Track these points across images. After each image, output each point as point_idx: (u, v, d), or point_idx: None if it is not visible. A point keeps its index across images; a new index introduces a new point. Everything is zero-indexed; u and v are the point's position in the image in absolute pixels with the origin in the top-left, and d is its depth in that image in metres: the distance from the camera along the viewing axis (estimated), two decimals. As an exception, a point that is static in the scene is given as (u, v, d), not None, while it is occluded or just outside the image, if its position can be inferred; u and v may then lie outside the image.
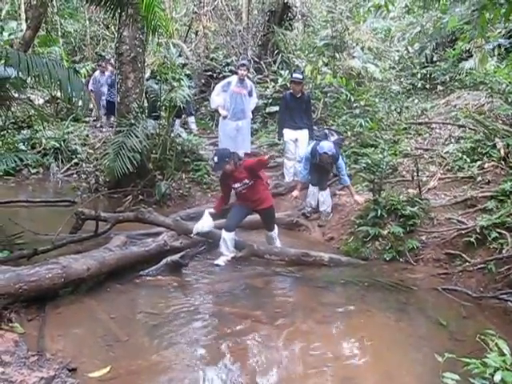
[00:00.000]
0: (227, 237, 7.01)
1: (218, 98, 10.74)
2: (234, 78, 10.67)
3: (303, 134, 9.89)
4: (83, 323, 5.10)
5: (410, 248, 7.15)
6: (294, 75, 9.82)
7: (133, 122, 9.97)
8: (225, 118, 10.70)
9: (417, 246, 7.16)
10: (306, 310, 5.66)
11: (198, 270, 6.77)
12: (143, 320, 5.21)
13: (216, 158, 6.80)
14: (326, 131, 8.81)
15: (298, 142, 9.93)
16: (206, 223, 7.10)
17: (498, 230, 6.64)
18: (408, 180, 8.69)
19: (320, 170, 8.56)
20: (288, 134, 9.94)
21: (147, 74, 12.39)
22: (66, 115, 15.02)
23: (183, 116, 13.76)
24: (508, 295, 5.93)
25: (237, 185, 7.00)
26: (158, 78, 10.67)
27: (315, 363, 4.59)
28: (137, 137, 9.71)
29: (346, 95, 11.49)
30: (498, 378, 2.92)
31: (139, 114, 10.19)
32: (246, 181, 6.94)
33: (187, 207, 9.50)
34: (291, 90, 9.93)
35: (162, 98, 10.51)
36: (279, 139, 10.68)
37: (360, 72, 13.12)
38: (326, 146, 8.05)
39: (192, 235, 7.23)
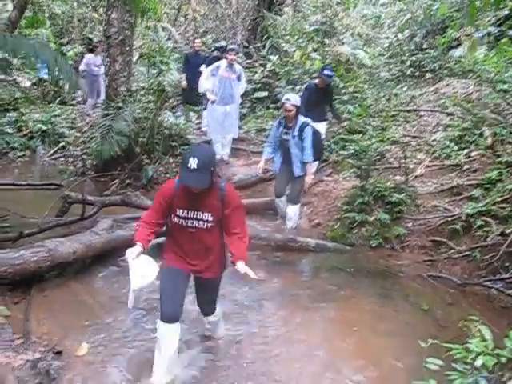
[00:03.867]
0: None
1: (206, 83, 10.66)
2: (222, 63, 10.59)
3: (323, 126, 9.31)
4: (69, 306, 5.11)
5: (396, 235, 7.19)
6: (326, 72, 9.13)
7: (121, 105, 9.89)
8: (213, 102, 10.64)
9: (403, 232, 7.20)
10: (291, 295, 5.70)
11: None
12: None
13: (195, 162, 3.61)
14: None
15: None
16: (147, 271, 3.87)
17: (484, 218, 6.69)
18: (395, 167, 8.71)
19: (288, 160, 7.60)
20: None
21: (135, 58, 12.30)
22: (53, 98, 14.87)
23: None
24: (492, 282, 6.00)
25: (189, 213, 3.89)
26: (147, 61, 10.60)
27: (299, 348, 4.64)
28: (125, 120, 9.65)
29: (335, 81, 11.45)
30: (479, 362, 2.96)
31: (127, 98, 10.11)
32: (210, 217, 3.90)
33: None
34: (316, 82, 9.30)
35: (150, 82, 10.44)
36: None
37: (349, 58, 13.09)
38: (292, 95, 7.69)
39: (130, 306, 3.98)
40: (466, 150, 8.59)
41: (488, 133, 8.43)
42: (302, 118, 7.45)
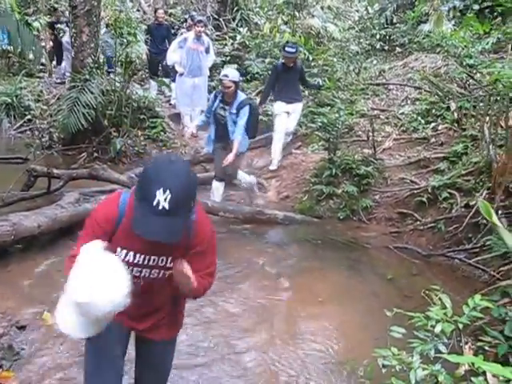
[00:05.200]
0: None
1: (174, 55, 10.54)
2: (190, 35, 10.45)
3: (296, 107, 8.97)
4: (34, 281, 5.05)
5: (364, 207, 7.26)
6: (287, 49, 8.71)
7: (87, 77, 9.72)
8: (181, 75, 10.53)
9: (370, 205, 7.28)
10: (260, 267, 5.73)
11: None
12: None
13: (167, 199, 2.15)
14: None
15: (290, 115, 8.96)
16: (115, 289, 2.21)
17: (449, 191, 6.78)
18: (363, 140, 8.75)
19: (224, 137, 7.19)
20: (280, 106, 8.89)
21: (103, 29, 12.04)
22: (18, 70, 14.53)
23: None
24: (455, 253, 6.10)
25: (139, 259, 2.53)
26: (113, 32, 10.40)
27: (267, 318, 4.68)
28: (91, 93, 9.49)
29: (305, 54, 11.42)
30: (438, 329, 3.01)
31: (94, 70, 9.94)
32: (170, 262, 2.54)
33: (142, 164, 9.37)
34: (283, 60, 8.90)
35: (118, 54, 10.27)
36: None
37: (319, 31, 13.06)
38: (230, 70, 7.51)
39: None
40: (433, 124, 8.68)
41: (454, 107, 8.51)
42: (242, 95, 7.17)
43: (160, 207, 2.09)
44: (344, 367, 3.98)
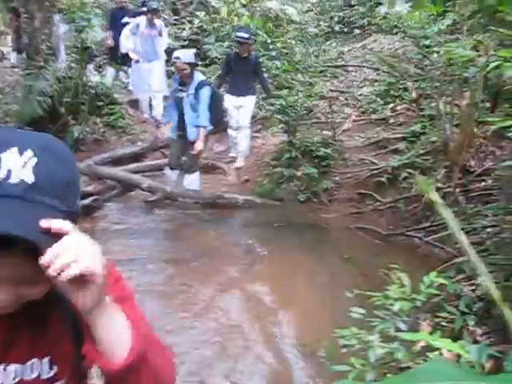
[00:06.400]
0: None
1: (127, 43, 10.38)
2: (142, 20, 10.27)
3: (246, 101, 8.38)
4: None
5: (324, 189, 7.28)
6: (238, 34, 8.32)
7: (42, 64, 9.49)
8: (137, 61, 10.37)
9: (330, 186, 7.31)
10: (221, 251, 5.71)
11: (112, 214, 6.66)
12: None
13: (30, 160, 1.00)
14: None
15: (241, 109, 8.46)
16: None
17: (408, 170, 6.84)
18: (323, 122, 8.77)
19: (182, 123, 6.98)
20: (230, 100, 8.38)
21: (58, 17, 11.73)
22: (-30, 57, 14.15)
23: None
24: (415, 232, 6.17)
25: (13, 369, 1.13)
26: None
27: (230, 302, 4.67)
28: (47, 80, 9.28)
29: (263, 37, 11.36)
30: (396, 307, 3.04)
31: (49, 56, 9.71)
32: (48, 371, 1.16)
33: (102, 152, 9.24)
34: (237, 50, 8.43)
35: (72, 40, 10.05)
36: None
37: (278, 14, 12.97)
38: (182, 52, 7.18)
39: None
40: (391, 105, 8.75)
41: (412, 87, 8.58)
42: (199, 76, 6.97)
43: (11, 180, 0.99)
44: (305, 349, 3.99)
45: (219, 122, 7.36)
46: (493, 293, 1.22)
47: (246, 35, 8.12)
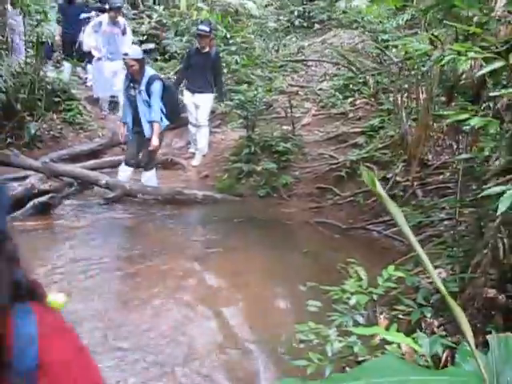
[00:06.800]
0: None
1: (89, 40, 10.16)
2: (104, 18, 10.07)
3: (203, 98, 8.22)
4: None
5: (284, 183, 7.26)
6: (199, 27, 8.20)
7: (-5, 59, 9.26)
8: (99, 59, 10.18)
9: (290, 181, 7.30)
10: (180, 248, 5.65)
11: (69, 211, 6.52)
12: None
13: None
14: None
15: (198, 108, 8.32)
16: None
17: (367, 164, 6.87)
18: (282, 117, 8.75)
19: (137, 120, 6.89)
20: (187, 96, 8.38)
21: (10, 8, 11.44)
22: None
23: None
24: (374, 225, 6.22)
25: None
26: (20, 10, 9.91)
27: (187, 298, 4.61)
28: (1, 76, 9.05)
29: (223, 32, 11.27)
30: (353, 301, 3.05)
31: (2, 51, 9.47)
32: None
33: (59, 149, 9.08)
34: (197, 45, 8.32)
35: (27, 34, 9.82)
36: None
37: (237, 9, 12.90)
38: (131, 48, 7.08)
39: None
40: (350, 99, 8.79)
41: (371, 82, 8.64)
42: (150, 71, 6.88)
43: None
44: (265, 345, 3.96)
45: (176, 116, 7.27)
46: (438, 286, 1.20)
47: (206, 28, 8.04)
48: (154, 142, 6.72)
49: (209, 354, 3.83)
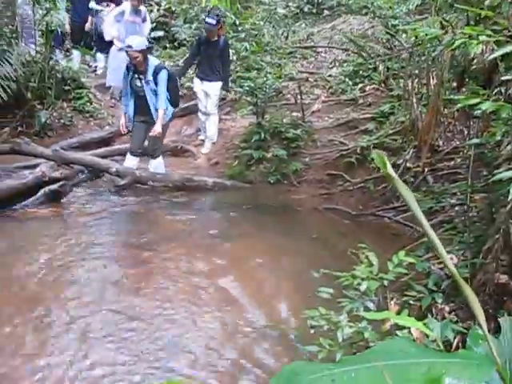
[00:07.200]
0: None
1: (112, 30, 10.14)
2: (126, 7, 10.05)
3: (212, 86, 8.21)
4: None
5: (294, 170, 7.26)
6: (206, 19, 8.07)
7: (5, 48, 9.27)
8: (121, 49, 10.14)
9: (300, 167, 7.29)
10: (190, 235, 5.66)
11: (79, 199, 6.56)
12: (22, 256, 4.99)
13: None
14: None
15: (207, 96, 8.32)
16: None
17: (377, 150, 6.83)
18: (292, 103, 8.74)
19: (144, 109, 6.91)
20: (197, 84, 8.42)
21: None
22: None
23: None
24: (384, 211, 6.20)
25: None
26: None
27: (199, 284, 4.63)
28: (11, 64, 9.07)
29: (232, 18, 11.23)
30: (363, 287, 3.05)
31: (12, 40, 9.48)
32: None
33: (70, 137, 9.12)
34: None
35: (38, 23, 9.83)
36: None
37: (246, -5, 12.87)
38: (133, 39, 6.92)
39: None
40: (360, 85, 8.76)
41: (381, 67, 8.59)
42: (154, 61, 6.87)
43: None
44: (276, 331, 3.98)
45: (178, 102, 7.33)
46: (451, 270, 1.20)
47: (213, 21, 7.93)
48: (158, 128, 6.73)
49: (220, 338, 3.86)
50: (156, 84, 6.70)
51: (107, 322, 3.94)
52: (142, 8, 10.37)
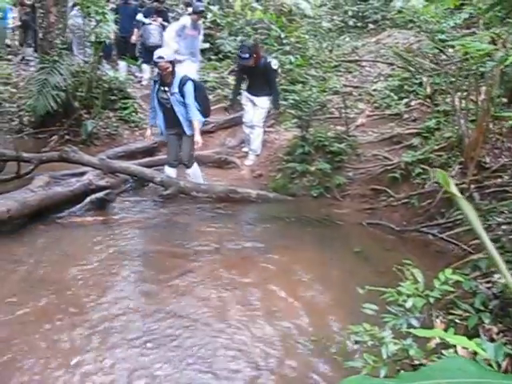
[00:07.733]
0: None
1: (174, 44, 10.35)
2: (187, 21, 10.28)
3: (261, 101, 8.31)
4: (5, 266, 4.95)
5: (337, 184, 7.24)
6: (240, 54, 8.11)
7: (56, 58, 9.54)
8: (179, 61, 10.34)
9: (344, 182, 7.26)
10: (232, 246, 5.69)
11: (124, 207, 6.68)
12: (69, 261, 5.11)
13: None
14: None
15: (255, 108, 8.40)
16: None
17: (422, 166, 6.80)
18: (336, 117, 8.73)
19: (174, 121, 6.99)
20: (246, 97, 8.56)
21: (74, 11, 11.74)
22: (-16, 53, 14.22)
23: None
24: (428, 228, 6.12)
25: None
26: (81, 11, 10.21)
27: (241, 298, 4.64)
28: (61, 74, 9.34)
29: (277, 32, 11.33)
30: (409, 304, 3.03)
31: (63, 51, 9.76)
32: None
33: (115, 146, 9.30)
34: None
35: (87, 34, 10.10)
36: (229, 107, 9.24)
37: (291, 9, 12.96)
38: (163, 51, 7.09)
39: None
40: (405, 100, 8.69)
41: (427, 82, 8.52)
42: (180, 73, 6.96)
43: None
44: (317, 345, 3.97)
45: (209, 111, 7.40)
46: None
47: (246, 55, 7.97)
48: (197, 138, 6.89)
49: (258, 352, 3.88)
50: (183, 96, 6.80)
51: (164, 326, 4.06)
52: (199, 22, 10.60)
